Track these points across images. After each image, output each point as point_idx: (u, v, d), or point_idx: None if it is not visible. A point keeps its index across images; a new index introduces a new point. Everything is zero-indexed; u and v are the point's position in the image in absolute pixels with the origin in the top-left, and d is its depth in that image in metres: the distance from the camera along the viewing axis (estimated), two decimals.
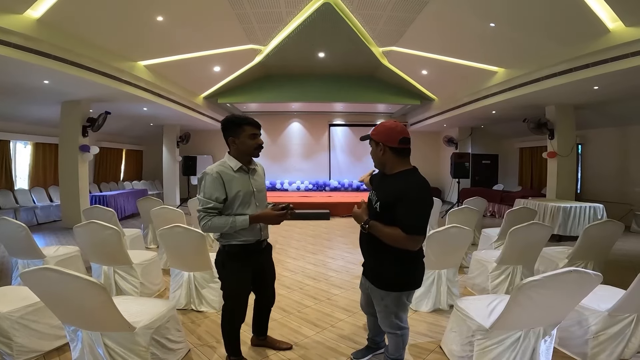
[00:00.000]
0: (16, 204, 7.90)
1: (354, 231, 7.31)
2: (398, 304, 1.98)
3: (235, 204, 2.16)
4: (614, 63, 4.88)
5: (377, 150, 1.93)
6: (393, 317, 2.01)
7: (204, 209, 2.09)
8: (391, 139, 1.88)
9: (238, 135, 2.16)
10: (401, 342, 2.08)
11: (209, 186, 2.09)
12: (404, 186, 1.83)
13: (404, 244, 1.80)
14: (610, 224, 3.62)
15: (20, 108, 7.51)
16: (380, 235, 1.87)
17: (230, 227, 2.10)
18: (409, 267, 1.93)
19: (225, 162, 2.20)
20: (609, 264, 4.16)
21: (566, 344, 2.57)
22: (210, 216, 2.10)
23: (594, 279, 1.88)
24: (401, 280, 1.94)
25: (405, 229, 1.76)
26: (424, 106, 11.41)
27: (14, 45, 4.52)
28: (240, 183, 2.17)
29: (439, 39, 6.92)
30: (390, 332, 2.07)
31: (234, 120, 2.18)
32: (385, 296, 1.97)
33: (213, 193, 2.09)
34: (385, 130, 1.91)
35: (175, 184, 11.89)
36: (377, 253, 1.97)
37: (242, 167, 2.21)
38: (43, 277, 1.86)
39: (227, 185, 2.12)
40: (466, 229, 3.30)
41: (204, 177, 2.12)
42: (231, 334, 2.32)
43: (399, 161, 1.91)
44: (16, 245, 3.65)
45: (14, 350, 2.34)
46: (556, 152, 7.70)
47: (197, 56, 7.49)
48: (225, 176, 2.13)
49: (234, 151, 2.21)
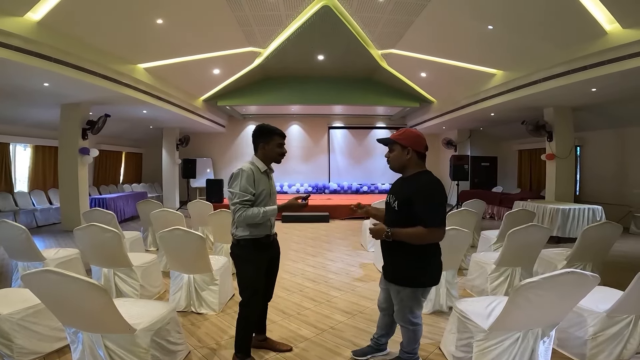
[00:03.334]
0: (16, 207, 7.90)
1: (353, 234, 7.32)
2: (413, 300, 2.15)
3: (258, 201, 2.36)
4: (611, 65, 4.91)
5: (404, 153, 2.14)
6: (407, 312, 2.18)
7: (241, 201, 2.27)
8: (419, 145, 2.14)
9: (268, 142, 2.43)
10: (413, 337, 2.24)
11: (245, 180, 2.29)
12: (418, 184, 2.07)
13: (429, 238, 2.01)
14: (608, 225, 3.63)
15: (20, 110, 7.52)
16: (404, 238, 2.04)
17: (262, 216, 2.30)
18: (423, 264, 2.10)
19: (254, 162, 2.43)
20: (607, 265, 4.17)
21: (565, 345, 2.58)
22: (245, 207, 2.27)
23: (591, 280, 1.90)
24: (415, 277, 2.11)
25: (425, 223, 1.97)
26: (423, 108, 11.45)
27: (14, 47, 4.53)
28: (264, 183, 2.41)
29: (438, 42, 6.95)
30: (403, 325, 2.23)
31: (267, 128, 2.45)
32: (401, 290, 2.15)
33: (248, 187, 2.29)
34: (414, 136, 2.15)
35: (175, 186, 11.89)
36: (394, 251, 2.15)
37: (266, 170, 2.46)
38: (44, 279, 1.87)
39: (256, 182, 2.34)
40: (465, 231, 3.31)
41: (240, 173, 2.30)
42: (247, 329, 2.43)
43: (419, 164, 2.16)
44: (16, 248, 3.65)
45: (14, 352, 2.34)
46: (555, 154, 7.73)
47: (196, 59, 7.51)
48: (256, 174, 2.35)
49: (261, 155, 2.45)
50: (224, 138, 13.39)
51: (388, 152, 2.24)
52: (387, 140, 2.23)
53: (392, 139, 2.19)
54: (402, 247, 2.06)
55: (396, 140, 2.16)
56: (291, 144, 13.69)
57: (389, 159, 2.23)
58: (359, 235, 6.76)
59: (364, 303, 3.61)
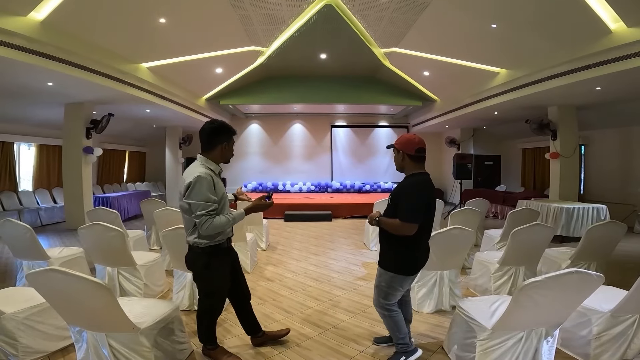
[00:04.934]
0: (20, 206, 7.95)
1: (356, 232, 7.32)
2: (389, 286, 2.36)
3: (220, 206, 2.24)
4: (616, 64, 4.88)
5: (399, 156, 2.38)
6: (381, 296, 2.39)
7: (207, 212, 2.12)
8: (409, 148, 2.32)
9: (230, 142, 2.31)
10: (392, 324, 2.41)
11: (207, 189, 2.13)
12: (404, 185, 2.33)
13: (401, 230, 2.22)
14: (612, 224, 3.61)
15: (24, 110, 7.56)
16: (385, 226, 2.32)
17: (231, 223, 2.22)
18: (404, 254, 2.32)
19: (207, 165, 2.25)
20: (611, 264, 4.15)
21: (568, 344, 2.57)
22: (212, 218, 2.14)
23: (595, 279, 1.89)
24: (393, 263, 2.34)
25: (400, 217, 2.22)
26: (426, 107, 11.42)
27: (17, 47, 4.54)
28: (221, 186, 2.29)
29: (441, 40, 6.93)
30: (379, 310, 2.46)
31: (229, 128, 2.31)
32: (383, 274, 2.39)
33: (210, 196, 2.14)
34: (405, 140, 2.36)
35: (178, 185, 11.88)
36: (384, 240, 2.42)
37: (219, 171, 2.34)
38: (49, 278, 1.88)
39: (216, 188, 2.21)
40: (468, 230, 3.30)
41: (197, 181, 2.11)
42: (210, 325, 2.43)
43: (414, 166, 2.35)
44: (21, 247, 3.68)
45: (19, 351, 2.36)
46: (559, 153, 7.69)
47: (199, 58, 7.52)
48: (214, 179, 2.21)
49: (217, 155, 2.29)
50: None
51: None
52: (390, 145, 2.50)
53: (393, 143, 2.45)
54: (390, 236, 2.32)
55: (394, 144, 2.42)
56: (294, 142, 13.72)
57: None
58: (362, 234, 6.76)
59: (366, 302, 3.61)
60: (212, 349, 2.47)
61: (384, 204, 2.53)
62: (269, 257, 5.36)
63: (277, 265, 4.98)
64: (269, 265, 4.95)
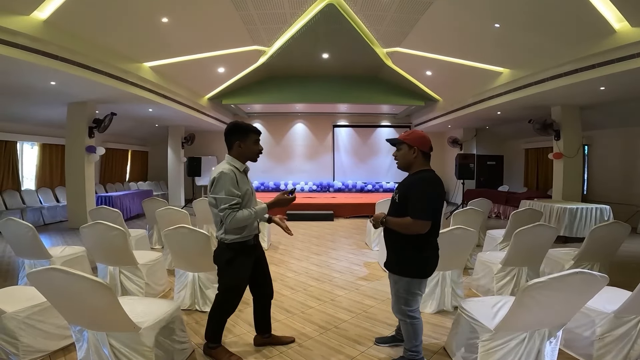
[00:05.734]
0: (23, 205, 7.98)
1: (358, 232, 7.30)
2: (408, 292, 2.26)
3: (244, 202, 2.30)
4: (620, 63, 4.85)
5: (410, 152, 2.28)
6: (402, 303, 2.28)
7: (230, 205, 2.19)
8: (425, 145, 2.28)
9: (244, 140, 2.34)
10: (412, 332, 2.30)
11: (230, 184, 2.21)
12: (413, 181, 2.25)
13: (413, 228, 2.13)
14: (616, 225, 3.59)
15: (27, 109, 7.58)
16: (394, 225, 2.22)
17: (254, 217, 2.27)
18: (416, 256, 2.22)
19: (231, 163, 2.33)
20: (615, 265, 4.13)
21: (571, 345, 2.55)
22: (235, 212, 2.20)
23: (600, 280, 1.87)
24: (408, 267, 2.24)
25: (411, 214, 2.13)
26: (428, 107, 11.39)
27: (20, 46, 4.56)
28: (245, 183, 2.34)
29: (443, 40, 6.90)
30: (400, 318, 2.34)
31: (242, 125, 2.38)
32: (398, 281, 2.28)
33: (234, 190, 2.22)
34: (420, 137, 2.30)
35: (180, 184, 11.94)
36: (393, 243, 2.31)
37: (244, 169, 2.39)
38: (50, 278, 1.88)
39: (239, 184, 2.26)
40: (471, 230, 3.29)
41: (221, 177, 2.21)
42: (220, 322, 2.45)
43: (424, 163, 2.30)
44: (23, 246, 3.68)
45: (20, 350, 2.36)
46: (562, 153, 7.65)
47: (201, 57, 7.52)
48: (237, 175, 2.27)
49: (236, 153, 2.36)
50: None
51: (396, 151, 2.37)
52: (396, 140, 2.37)
53: (400, 139, 2.33)
54: (398, 237, 2.23)
55: (404, 140, 2.30)
56: (296, 142, 13.71)
57: (396, 157, 2.38)
58: (364, 234, 6.75)
59: (368, 302, 3.60)
60: (214, 348, 2.47)
61: (386, 204, 2.50)
62: (271, 257, 5.35)
63: (278, 264, 4.97)
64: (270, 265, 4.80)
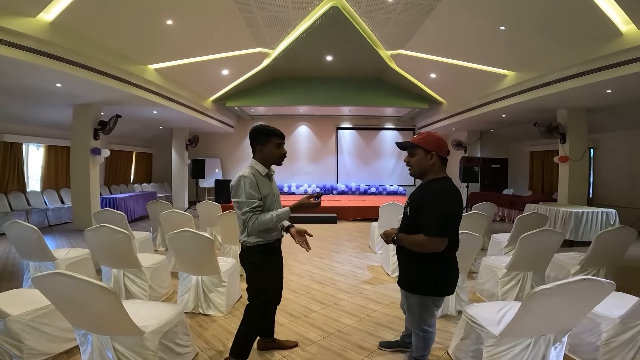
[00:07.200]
0: (28, 206, 8.02)
1: (361, 235, 7.28)
2: (422, 307, 2.12)
3: (266, 205, 2.29)
4: (627, 66, 4.80)
5: (427, 158, 2.05)
6: (417, 319, 2.16)
7: (251, 209, 2.19)
8: (443, 149, 2.06)
9: (266, 144, 2.32)
10: (423, 344, 2.21)
11: (249, 187, 2.20)
12: (426, 192, 2.03)
13: (428, 247, 1.94)
14: (623, 230, 3.55)
15: (32, 111, 7.64)
16: (407, 244, 2.06)
17: (276, 220, 2.24)
18: (430, 273, 2.04)
19: (253, 166, 2.34)
20: (621, 270, 4.09)
21: (577, 350, 2.53)
22: (257, 214, 2.20)
23: (606, 287, 1.85)
24: (422, 284, 2.07)
25: (425, 231, 1.93)
26: (432, 109, 11.35)
27: (26, 48, 4.58)
28: (267, 186, 2.34)
29: (448, 42, 6.88)
30: (414, 331, 2.23)
31: (263, 129, 2.35)
32: (410, 297, 2.15)
33: (254, 193, 2.21)
34: (438, 140, 2.07)
35: (184, 186, 11.97)
36: (405, 257, 2.15)
37: (267, 173, 2.37)
38: (55, 282, 1.88)
39: (260, 187, 2.26)
40: (476, 235, 3.27)
41: (242, 180, 2.21)
42: (251, 335, 2.35)
43: (441, 169, 2.08)
44: (27, 248, 3.69)
45: (24, 353, 2.36)
46: (568, 156, 7.59)
47: (205, 60, 7.55)
48: (258, 179, 2.26)
49: (259, 157, 2.36)
50: (232, 138, 13.44)
51: (408, 156, 2.14)
52: (408, 144, 2.12)
53: (415, 142, 2.08)
54: (412, 253, 2.05)
55: (419, 144, 2.06)
56: (299, 144, 13.71)
57: (409, 163, 2.14)
58: (367, 237, 6.73)
59: (371, 306, 3.58)
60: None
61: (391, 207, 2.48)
62: None
63: None
64: None
